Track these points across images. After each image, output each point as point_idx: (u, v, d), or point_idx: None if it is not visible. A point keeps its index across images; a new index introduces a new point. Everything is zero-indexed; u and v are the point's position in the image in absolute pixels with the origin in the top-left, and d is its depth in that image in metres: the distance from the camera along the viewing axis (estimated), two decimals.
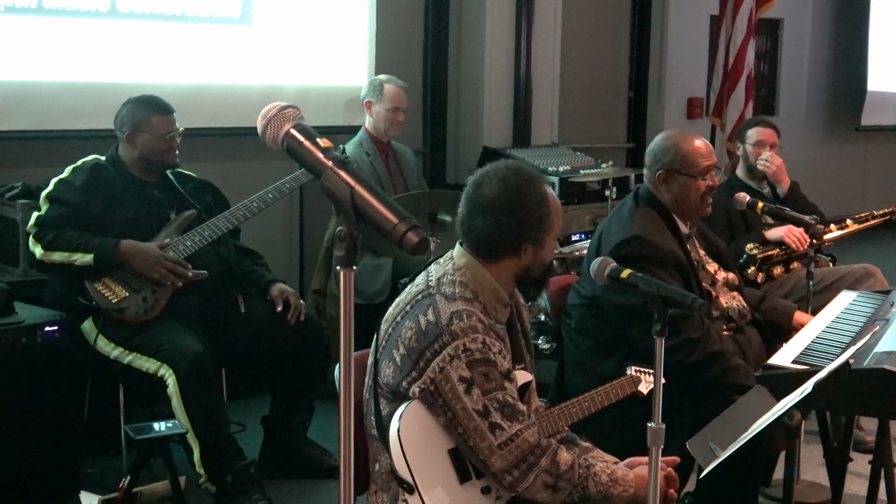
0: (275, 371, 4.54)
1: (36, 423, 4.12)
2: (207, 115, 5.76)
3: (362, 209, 1.76)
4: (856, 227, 5.33)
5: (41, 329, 4.14)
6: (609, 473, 2.69)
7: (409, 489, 2.56)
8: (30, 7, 5.15)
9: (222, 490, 4.01)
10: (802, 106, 10.51)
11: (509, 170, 2.77)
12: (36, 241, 4.16)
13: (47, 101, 5.30)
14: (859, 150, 10.78)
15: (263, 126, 1.91)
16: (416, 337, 2.63)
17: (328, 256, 5.55)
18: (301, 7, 6.12)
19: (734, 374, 3.56)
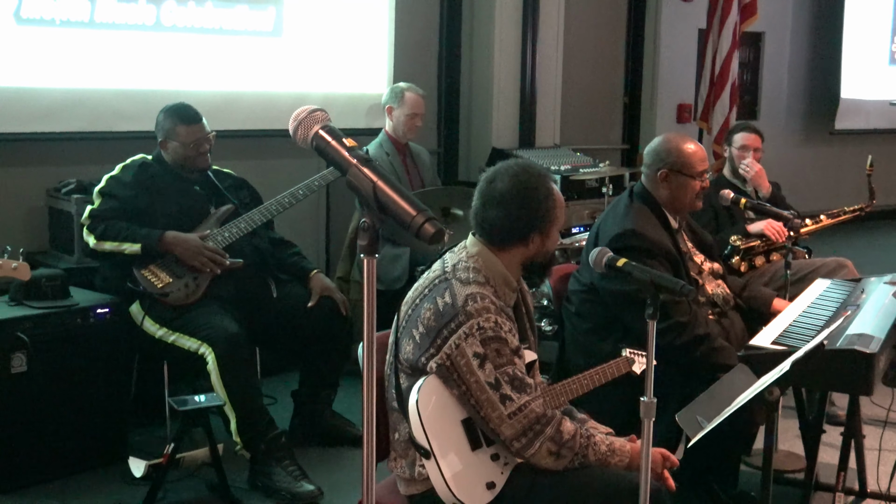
0: (303, 350, 4.54)
1: (89, 395, 4.16)
2: (242, 118, 5.78)
3: (384, 203, 1.77)
4: (829, 221, 5.33)
5: (94, 311, 4.18)
6: (608, 444, 2.70)
7: (426, 455, 2.58)
8: (83, 21, 5.17)
9: (256, 457, 4.03)
10: (782, 111, 10.49)
11: (520, 167, 2.79)
12: (89, 231, 4.19)
13: (98, 105, 5.32)
14: (833, 152, 10.76)
15: (295, 127, 1.92)
16: (435, 317, 2.65)
17: (352, 247, 5.56)
18: (327, 21, 6.12)
19: (719, 354, 3.56)
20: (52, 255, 5.17)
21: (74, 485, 4.04)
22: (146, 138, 4.53)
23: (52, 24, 5.08)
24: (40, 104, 5.13)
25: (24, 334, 3.94)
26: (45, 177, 5.32)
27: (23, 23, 5.00)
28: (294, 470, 4.01)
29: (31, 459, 4.01)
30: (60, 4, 5.09)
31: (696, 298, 3.77)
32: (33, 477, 4.01)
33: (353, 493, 3.96)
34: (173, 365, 4.37)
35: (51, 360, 4.02)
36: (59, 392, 4.06)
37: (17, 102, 5.06)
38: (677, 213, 3.88)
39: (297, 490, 3.94)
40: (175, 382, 4.43)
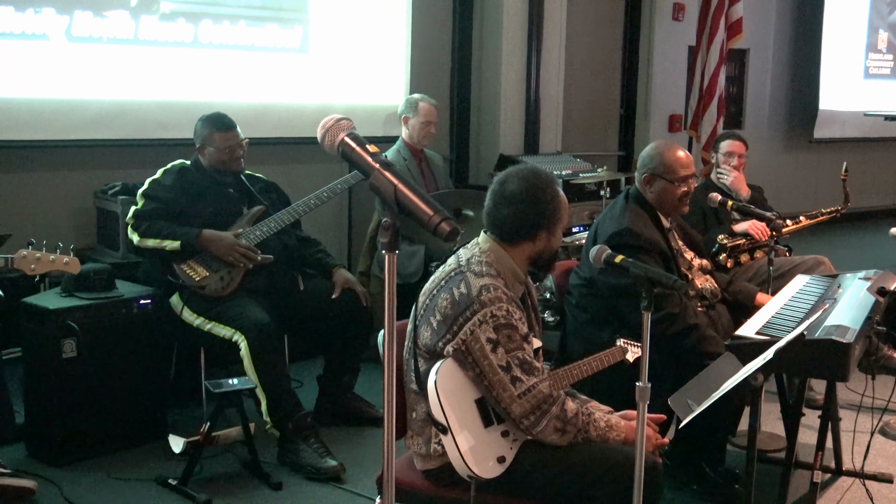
0: (327, 338, 4.54)
1: (133, 378, 4.17)
2: (272, 127, 5.80)
3: (403, 203, 1.78)
4: (808, 221, 5.32)
5: (137, 302, 4.19)
6: (606, 421, 2.71)
7: (443, 431, 2.59)
8: (128, 38, 5.20)
9: (284, 435, 4.03)
10: (765, 121, 10.47)
11: (529, 171, 2.80)
12: (133, 230, 4.20)
13: (141, 115, 5.34)
14: (812, 159, 10.72)
15: (322, 134, 1.93)
16: (451, 305, 2.66)
17: (372, 244, 5.56)
18: (349, 38, 6.14)
19: (707, 342, 3.56)
20: (100, 251, 5.20)
21: (119, 459, 4.05)
22: (185, 145, 4.55)
23: (99, 42, 5.11)
24: (89, 114, 5.16)
25: (74, 323, 3.96)
26: (93, 180, 5.35)
27: (73, 40, 5.03)
28: (319, 447, 4.02)
29: (80, 437, 4.03)
30: (107, 23, 5.12)
31: (687, 292, 3.78)
32: (83, 452, 4.03)
33: (372, 468, 3.95)
34: (209, 351, 4.38)
35: (98, 347, 4.04)
36: (105, 375, 4.07)
37: (68, 112, 5.09)
38: (667, 214, 3.88)
39: (321, 465, 3.94)
40: (211, 367, 4.44)
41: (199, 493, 3.71)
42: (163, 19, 5.32)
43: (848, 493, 3.87)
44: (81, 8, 5.03)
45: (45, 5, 4.91)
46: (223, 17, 5.55)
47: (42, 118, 5.01)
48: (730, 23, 8.06)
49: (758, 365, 2.55)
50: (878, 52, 10.97)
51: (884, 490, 3.89)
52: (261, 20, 5.71)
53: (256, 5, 5.68)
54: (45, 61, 4.96)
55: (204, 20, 5.48)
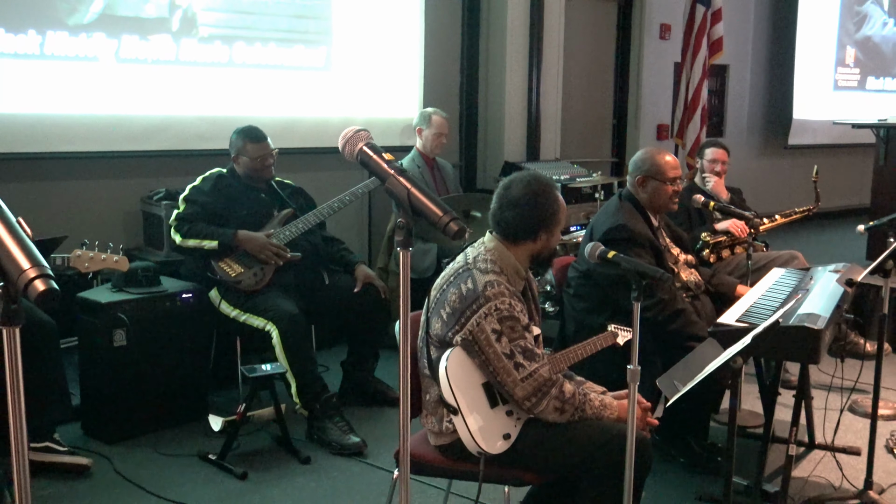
0: (350, 327, 4.56)
1: (176, 364, 4.18)
2: (299, 138, 5.80)
3: (416, 206, 1.77)
4: (783, 220, 5.30)
5: (179, 296, 4.20)
6: (601, 401, 2.70)
7: (454, 411, 2.59)
8: (170, 59, 5.22)
9: (313, 414, 4.04)
10: (744, 130, 10.44)
11: (531, 177, 2.78)
12: (176, 231, 4.21)
13: (182, 128, 5.36)
14: (787, 164, 10.69)
15: (343, 144, 1.93)
16: (459, 300, 2.65)
17: (390, 242, 5.57)
18: (368, 58, 6.14)
19: (692, 327, 3.56)
20: (146, 251, 5.22)
21: (164, 437, 4.07)
22: (221, 155, 4.55)
23: (144, 63, 5.13)
24: (136, 128, 5.18)
25: (123, 315, 3.97)
26: (139, 187, 5.37)
27: (121, 62, 5.04)
28: (343, 425, 4.02)
29: (129, 416, 4.05)
30: (151, 46, 5.13)
31: (673, 283, 3.76)
32: (131, 431, 4.05)
33: (391, 444, 3.96)
34: (244, 340, 4.39)
35: (145, 336, 4.05)
36: (152, 362, 4.09)
37: (117, 127, 5.11)
38: (656, 212, 3.86)
39: (345, 442, 3.95)
40: (246, 354, 4.44)
41: (236, 467, 3.72)
42: (201, 42, 5.34)
43: (820, 464, 3.85)
44: (128, 32, 5.04)
45: (96, 30, 4.93)
46: (255, 39, 5.56)
47: (94, 132, 5.03)
48: (711, 41, 8.04)
49: (737, 349, 2.53)
50: (846, 66, 10.92)
51: (852, 461, 3.87)
52: (289, 42, 5.71)
53: (285, 28, 5.69)
54: (97, 81, 4.98)
55: (238, 42, 5.49)
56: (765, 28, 10.60)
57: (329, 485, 3.64)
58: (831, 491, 3.60)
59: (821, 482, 3.68)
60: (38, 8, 4.74)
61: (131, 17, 5.05)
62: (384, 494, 3.51)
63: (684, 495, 3.57)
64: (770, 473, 3.72)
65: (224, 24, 5.41)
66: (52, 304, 1.12)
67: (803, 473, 3.76)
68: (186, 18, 5.26)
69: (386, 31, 6.23)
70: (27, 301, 1.25)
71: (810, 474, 3.75)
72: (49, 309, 3.66)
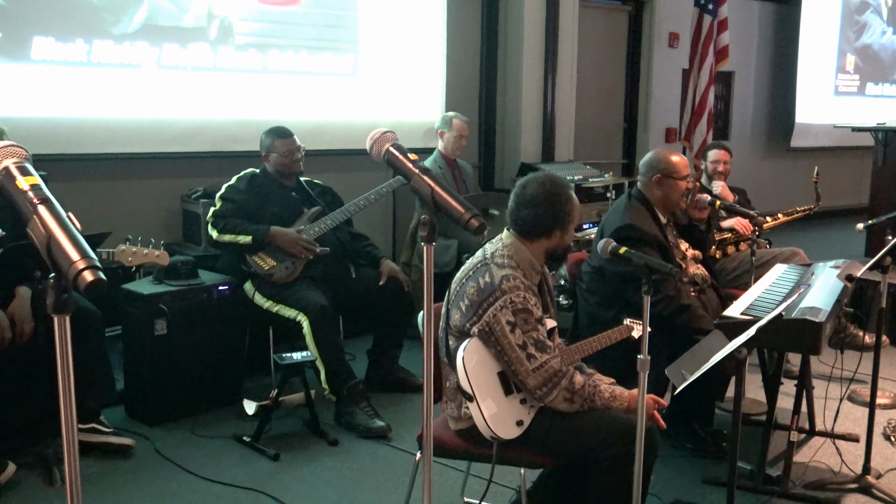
0: (375, 318, 4.55)
1: (213, 352, 4.20)
2: (328, 141, 5.81)
3: (440, 203, 1.77)
4: (785, 218, 5.26)
5: (216, 288, 4.23)
6: (611, 392, 2.68)
7: (469, 399, 2.58)
8: (207, 66, 5.23)
9: (340, 400, 4.05)
10: (748, 133, 10.36)
11: (547, 177, 2.77)
12: (212, 227, 4.23)
13: (218, 131, 5.38)
14: (789, 165, 10.60)
15: (371, 145, 1.92)
16: (477, 293, 2.64)
17: (413, 238, 5.57)
18: (393, 65, 6.14)
19: (698, 321, 3.52)
20: (185, 246, 5.24)
21: (202, 420, 4.09)
22: (255, 156, 4.57)
23: (184, 69, 5.15)
24: (175, 131, 5.20)
25: (164, 305, 4.00)
26: (178, 186, 5.39)
27: (162, 68, 5.07)
28: (369, 410, 4.03)
29: (169, 400, 4.07)
30: (190, 54, 5.15)
31: (681, 278, 3.74)
32: (171, 414, 4.07)
33: (414, 428, 3.97)
34: (277, 329, 4.40)
35: (184, 325, 4.08)
36: (190, 349, 4.11)
37: (158, 129, 5.13)
38: (667, 209, 3.84)
39: (371, 425, 3.96)
40: (278, 343, 4.45)
41: (269, 449, 3.73)
42: (237, 50, 5.35)
43: (820, 450, 3.82)
44: (169, 41, 5.06)
45: (140, 39, 4.96)
46: (287, 47, 5.57)
47: (137, 135, 5.06)
48: (717, 49, 7.99)
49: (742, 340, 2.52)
50: (846, 72, 10.81)
51: (851, 447, 3.84)
52: (319, 50, 5.72)
53: (315, 37, 5.70)
54: (140, 87, 5.00)
55: (271, 50, 5.50)
56: (768, 36, 10.52)
57: (355, 466, 3.65)
58: (831, 476, 3.57)
59: (821, 467, 3.65)
60: (86, 18, 4.78)
61: (172, 27, 5.07)
62: (407, 475, 3.51)
63: (691, 479, 3.55)
64: (772, 459, 3.69)
65: (258, 33, 5.43)
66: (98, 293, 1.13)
67: (804, 459, 3.72)
68: (223, 28, 5.28)
69: (410, 39, 6.22)
70: (75, 292, 1.26)
71: (811, 460, 3.72)
72: (95, 298, 3.70)
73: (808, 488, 3.45)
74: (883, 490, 3.42)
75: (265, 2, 5.44)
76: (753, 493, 3.41)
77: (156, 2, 5.00)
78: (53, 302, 1.16)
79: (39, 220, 1.19)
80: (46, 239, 1.17)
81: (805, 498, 3.38)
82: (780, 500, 3.38)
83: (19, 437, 3.59)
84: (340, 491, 3.41)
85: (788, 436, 3.52)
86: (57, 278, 1.16)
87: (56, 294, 1.15)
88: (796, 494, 3.40)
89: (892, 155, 6.52)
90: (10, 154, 1.29)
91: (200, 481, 3.47)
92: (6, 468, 3.35)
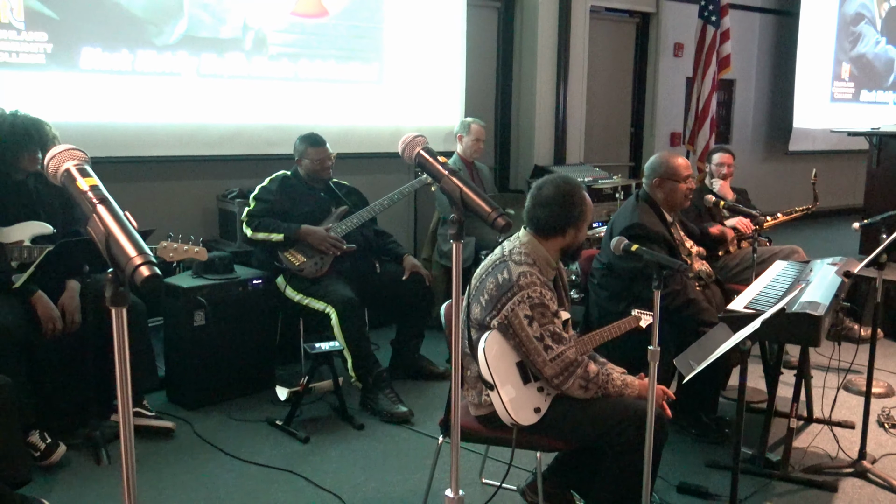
0: (398, 310, 4.56)
1: (248, 341, 4.22)
2: (355, 144, 5.81)
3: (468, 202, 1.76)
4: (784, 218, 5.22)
5: (251, 282, 4.24)
6: (622, 379, 2.67)
7: (490, 387, 2.58)
8: (243, 75, 5.25)
9: (365, 387, 4.06)
10: (749, 137, 10.28)
11: (562, 179, 2.76)
12: (247, 225, 4.24)
13: (253, 135, 5.39)
14: (787, 168, 10.51)
15: (403, 148, 1.92)
16: (496, 288, 2.64)
17: (432, 236, 5.57)
18: (415, 73, 6.13)
19: (703, 314, 3.51)
20: (221, 242, 5.26)
21: (237, 404, 4.11)
22: (287, 159, 4.59)
23: (221, 77, 5.17)
24: (213, 135, 5.22)
25: (202, 298, 4.02)
26: (215, 187, 5.41)
27: (201, 76, 5.09)
28: (392, 396, 4.04)
29: (207, 386, 4.10)
30: (227, 63, 5.17)
31: (686, 274, 3.72)
32: (208, 399, 4.10)
33: (435, 413, 3.97)
34: (306, 320, 4.42)
35: (221, 317, 4.10)
36: (227, 339, 4.13)
37: (197, 134, 5.16)
38: (672, 209, 3.82)
39: (394, 410, 3.97)
40: (308, 333, 4.47)
41: (300, 432, 3.75)
42: (270, 59, 5.36)
43: (818, 436, 3.80)
44: (207, 51, 5.08)
45: (180, 49, 4.98)
46: (317, 57, 5.58)
47: (177, 139, 5.08)
48: (720, 58, 7.92)
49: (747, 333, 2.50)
50: (841, 80, 10.71)
51: (847, 434, 3.82)
52: (346, 59, 5.73)
53: (343, 47, 5.70)
54: (180, 94, 5.03)
55: (302, 59, 5.51)
56: (768, 46, 10.43)
57: (380, 448, 3.66)
58: (828, 460, 3.54)
59: (819, 452, 3.63)
60: (131, 30, 4.80)
61: (210, 38, 5.09)
62: (428, 457, 3.52)
63: (695, 463, 3.54)
64: (773, 444, 3.67)
65: (290, 43, 5.44)
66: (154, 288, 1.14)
67: (803, 444, 3.70)
68: (258, 39, 5.29)
69: (431, 49, 6.22)
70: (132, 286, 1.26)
71: (809, 445, 3.69)
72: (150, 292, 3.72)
73: (807, 472, 3.43)
74: (878, 474, 3.40)
75: (297, 14, 5.45)
76: (755, 477, 3.39)
77: (195, 14, 5.02)
78: (111, 295, 1.16)
79: (99, 219, 1.20)
80: (105, 236, 1.18)
81: (804, 481, 3.36)
82: (781, 484, 3.36)
83: (69, 420, 3.62)
84: (367, 471, 3.42)
85: (788, 423, 3.50)
86: (115, 273, 1.16)
87: (114, 288, 1.15)
88: (796, 478, 3.38)
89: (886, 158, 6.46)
90: (72, 157, 1.30)
91: (236, 462, 3.49)
92: (57, 449, 3.38)
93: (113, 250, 1.16)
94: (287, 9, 5.40)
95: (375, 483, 3.32)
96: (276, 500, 3.17)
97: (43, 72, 4.53)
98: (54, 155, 1.31)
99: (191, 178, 5.38)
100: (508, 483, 3.00)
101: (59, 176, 1.28)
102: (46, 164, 1.30)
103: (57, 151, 1.31)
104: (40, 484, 3.18)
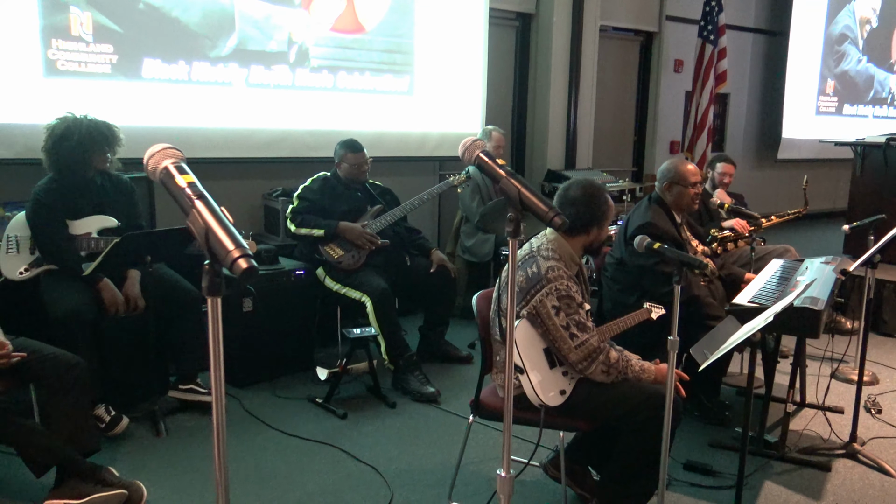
0: (426, 300, 4.54)
1: (291, 326, 4.22)
2: (387, 149, 5.79)
3: (526, 202, 1.70)
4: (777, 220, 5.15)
5: (294, 273, 4.24)
6: (640, 365, 2.64)
7: (520, 371, 2.56)
8: (287, 84, 5.23)
9: (397, 369, 4.06)
10: (741, 146, 10.20)
11: (587, 182, 2.74)
12: (290, 221, 4.23)
13: (296, 140, 5.38)
14: (776, 175, 10.43)
15: (462, 151, 1.88)
16: (526, 280, 2.62)
17: (456, 233, 5.54)
18: (442, 85, 6.10)
19: (708, 308, 3.49)
20: (266, 236, 5.26)
21: (281, 383, 4.11)
22: (327, 161, 4.57)
23: (268, 87, 5.16)
24: (260, 139, 5.21)
25: (251, 287, 4.02)
26: (261, 186, 5.41)
27: (250, 86, 5.08)
28: (421, 377, 4.03)
29: (254, 366, 4.10)
30: (273, 74, 5.16)
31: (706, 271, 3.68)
32: (255, 377, 4.11)
33: (460, 393, 3.97)
34: (344, 308, 4.41)
35: (267, 303, 4.10)
36: (272, 324, 4.13)
37: (246, 138, 5.15)
38: (680, 211, 3.78)
39: (423, 391, 3.96)
40: (345, 319, 4.47)
41: (338, 409, 3.75)
42: (312, 71, 5.35)
43: (811, 420, 3.76)
44: (256, 63, 5.07)
45: (231, 61, 4.97)
46: (354, 69, 5.56)
47: (228, 142, 5.08)
48: (717, 74, 7.87)
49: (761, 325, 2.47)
50: (826, 95, 10.60)
51: (837, 418, 3.78)
52: (380, 71, 5.71)
53: (377, 60, 5.68)
54: (231, 101, 5.02)
55: (340, 71, 5.50)
56: (760, 64, 10.35)
57: (411, 424, 3.65)
58: (821, 442, 3.51)
59: (812, 435, 3.59)
60: (188, 43, 4.80)
61: (258, 51, 5.08)
62: (454, 434, 3.52)
63: (699, 443, 3.51)
64: (770, 426, 3.64)
65: (330, 57, 5.42)
66: (251, 279, 1.12)
67: (798, 427, 3.67)
68: (301, 52, 5.28)
69: (456, 63, 6.18)
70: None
71: (804, 428, 3.66)
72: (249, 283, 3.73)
73: (802, 453, 3.39)
74: (867, 455, 3.36)
75: (336, 30, 5.43)
76: (754, 457, 3.36)
77: (245, 30, 5.01)
78: (208, 286, 1.14)
79: (198, 214, 1.18)
80: (205, 230, 1.16)
81: (800, 461, 3.33)
82: (778, 463, 3.33)
83: (131, 395, 3.64)
84: (400, 446, 3.41)
85: (784, 407, 3.46)
86: (211, 265, 1.14)
87: (210, 279, 1.13)
88: (792, 458, 3.34)
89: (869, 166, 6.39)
90: (169, 156, 1.28)
91: (281, 435, 3.49)
92: (121, 421, 3.39)
93: (212, 243, 1.14)
94: (327, 25, 5.38)
95: (408, 457, 3.31)
96: (317, 469, 3.17)
97: (108, 80, 4.53)
98: (153, 154, 1.29)
99: (239, 178, 5.39)
100: (532, 460, 2.98)
101: (158, 173, 1.26)
102: (146, 162, 1.28)
103: (155, 150, 1.28)
104: (106, 453, 3.19)
